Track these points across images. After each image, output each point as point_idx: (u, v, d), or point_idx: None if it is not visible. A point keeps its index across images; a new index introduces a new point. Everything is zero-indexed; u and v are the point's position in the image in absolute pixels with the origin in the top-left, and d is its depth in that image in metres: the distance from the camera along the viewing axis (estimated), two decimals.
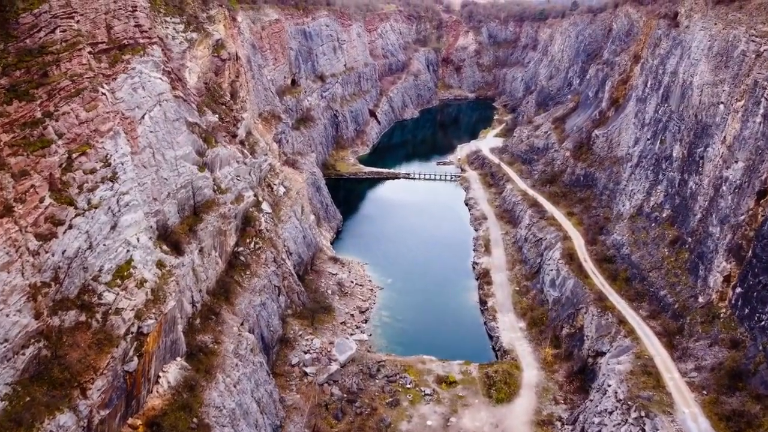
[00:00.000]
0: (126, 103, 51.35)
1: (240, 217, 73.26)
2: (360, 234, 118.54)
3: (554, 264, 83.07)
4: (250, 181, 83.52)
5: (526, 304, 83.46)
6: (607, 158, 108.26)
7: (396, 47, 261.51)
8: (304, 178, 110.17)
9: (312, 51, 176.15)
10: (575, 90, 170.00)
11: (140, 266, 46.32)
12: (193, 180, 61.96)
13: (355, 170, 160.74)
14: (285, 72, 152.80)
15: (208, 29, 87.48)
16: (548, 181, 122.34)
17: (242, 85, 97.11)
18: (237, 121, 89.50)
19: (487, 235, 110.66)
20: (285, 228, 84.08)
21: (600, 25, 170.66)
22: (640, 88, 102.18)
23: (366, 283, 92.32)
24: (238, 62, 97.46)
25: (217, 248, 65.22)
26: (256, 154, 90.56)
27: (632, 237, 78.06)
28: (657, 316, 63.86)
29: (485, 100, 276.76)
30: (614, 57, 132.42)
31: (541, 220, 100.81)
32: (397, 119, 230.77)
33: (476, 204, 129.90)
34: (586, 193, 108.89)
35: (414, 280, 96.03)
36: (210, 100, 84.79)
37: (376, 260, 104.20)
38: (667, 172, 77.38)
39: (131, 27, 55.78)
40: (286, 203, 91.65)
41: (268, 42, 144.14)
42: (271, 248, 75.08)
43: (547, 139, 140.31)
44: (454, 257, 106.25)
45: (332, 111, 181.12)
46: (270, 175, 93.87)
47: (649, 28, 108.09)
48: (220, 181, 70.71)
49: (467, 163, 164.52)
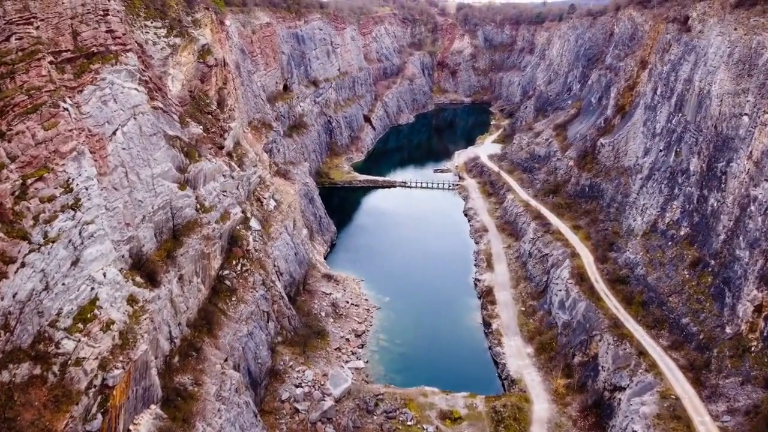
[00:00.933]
0: (94, 119, 45.81)
1: (226, 236, 67.75)
2: (355, 247, 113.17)
3: (563, 284, 78.00)
4: (238, 195, 78.04)
5: (533, 327, 78.31)
6: (613, 168, 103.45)
7: (391, 51, 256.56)
8: (297, 190, 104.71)
9: (305, 55, 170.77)
10: (575, 95, 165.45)
11: (107, 306, 40.72)
12: (173, 200, 56.42)
13: (350, 178, 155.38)
14: (277, 77, 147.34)
15: (193, 34, 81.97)
16: (551, 191, 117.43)
17: (230, 93, 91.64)
18: (224, 132, 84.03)
19: (489, 249, 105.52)
20: (275, 246, 78.58)
21: (600, 28, 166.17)
22: (648, 95, 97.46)
23: (362, 303, 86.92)
24: (226, 68, 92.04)
25: (199, 273, 59.66)
26: (245, 166, 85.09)
27: (647, 256, 73.11)
28: (680, 346, 58.80)
29: (481, 104, 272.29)
30: (618, 62, 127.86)
31: (546, 234, 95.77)
32: (393, 124, 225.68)
33: (476, 215, 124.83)
34: (591, 205, 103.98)
35: (412, 298, 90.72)
36: (195, 109, 79.32)
37: (373, 276, 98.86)
38: (683, 187, 72.52)
39: (102, 33, 50.26)
40: (277, 218, 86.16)
41: (259, 46, 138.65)
42: (259, 270, 69.55)
43: (548, 146, 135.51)
44: (454, 272, 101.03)
45: (326, 117, 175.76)
46: (260, 188, 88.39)
47: (656, 32, 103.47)
48: (204, 198, 65.19)
49: (465, 171, 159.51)
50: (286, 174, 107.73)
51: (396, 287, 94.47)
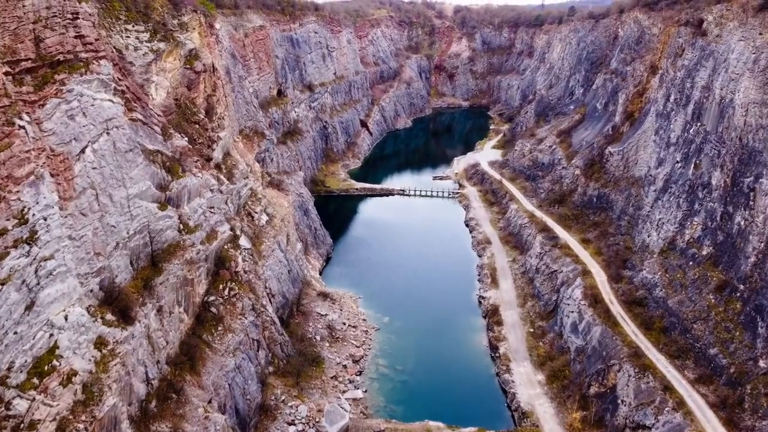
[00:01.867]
0: (57, 136, 40.53)
1: (212, 258, 62.50)
2: (352, 260, 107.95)
3: (575, 305, 73.03)
4: (227, 211, 72.83)
5: (543, 351, 73.29)
6: (623, 178, 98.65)
7: (387, 54, 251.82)
8: (291, 201, 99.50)
9: (299, 59, 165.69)
10: (578, 100, 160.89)
11: (68, 354, 35.46)
12: (151, 222, 51.17)
13: (346, 186, 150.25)
14: (270, 82, 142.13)
15: (179, 38, 76.70)
16: (557, 201, 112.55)
17: (220, 100, 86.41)
18: (212, 142, 78.77)
19: (493, 263, 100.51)
20: (267, 265, 73.33)
21: (603, 31, 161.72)
22: (660, 101, 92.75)
23: (360, 324, 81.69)
24: (215, 74, 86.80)
25: (181, 302, 54.40)
26: (235, 178, 79.82)
27: (666, 276, 68.21)
28: (708, 380, 53.90)
29: (479, 108, 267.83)
30: (624, 66, 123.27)
31: (554, 248, 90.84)
32: (390, 129, 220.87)
33: (478, 225, 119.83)
34: (600, 217, 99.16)
35: (414, 317, 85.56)
36: (181, 119, 74.09)
37: (371, 292, 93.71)
38: (705, 202, 67.71)
39: (70, 39, 45.00)
40: (269, 234, 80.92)
41: (251, 50, 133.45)
42: (249, 294, 64.27)
43: (552, 154, 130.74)
44: (457, 289, 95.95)
45: (321, 122, 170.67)
46: (251, 201, 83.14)
47: (667, 36, 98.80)
48: (188, 217, 59.94)
49: (466, 178, 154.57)
50: (280, 185, 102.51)
51: (396, 305, 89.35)
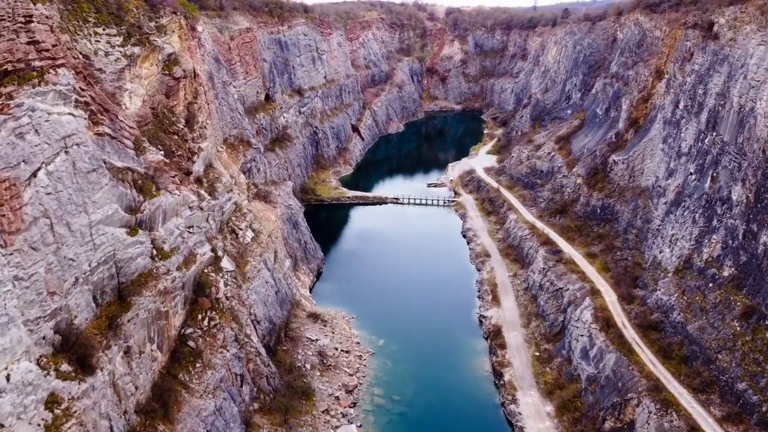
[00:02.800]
0: (2, 159, 34.81)
1: (190, 285, 56.80)
2: (344, 276, 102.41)
3: (585, 328, 68.10)
4: (208, 230, 67.15)
5: (551, 378, 68.24)
6: (628, 188, 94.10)
7: (379, 57, 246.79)
8: (279, 214, 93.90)
9: (288, 62, 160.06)
10: (576, 105, 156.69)
11: (11, 421, 29.76)
12: (118, 250, 45.46)
13: (338, 195, 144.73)
14: (258, 86, 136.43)
15: (157, 42, 70.83)
16: (558, 211, 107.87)
17: (201, 108, 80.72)
18: (193, 154, 73.04)
19: (493, 278, 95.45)
20: (252, 288, 67.70)
21: (601, 34, 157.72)
22: (667, 108, 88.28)
23: (353, 348, 76.20)
24: (197, 80, 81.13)
25: (154, 338, 48.71)
26: (218, 192, 74.05)
27: (683, 299, 63.42)
28: (737, 419, 49.11)
29: (472, 111, 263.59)
30: (625, 70, 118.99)
31: (558, 264, 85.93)
32: (382, 134, 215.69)
33: (476, 236, 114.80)
34: (605, 229, 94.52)
35: (410, 339, 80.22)
36: (158, 129, 68.34)
37: (365, 311, 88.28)
38: (724, 219, 63.05)
39: (22, 45, 39.30)
40: (255, 252, 75.26)
41: (238, 53, 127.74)
42: (231, 323, 58.62)
43: (551, 161, 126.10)
44: (455, 306, 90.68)
45: (311, 128, 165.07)
46: (235, 217, 77.44)
47: (673, 39, 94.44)
48: (163, 240, 54.23)
49: (461, 186, 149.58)
50: (267, 196, 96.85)
51: (391, 325, 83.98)
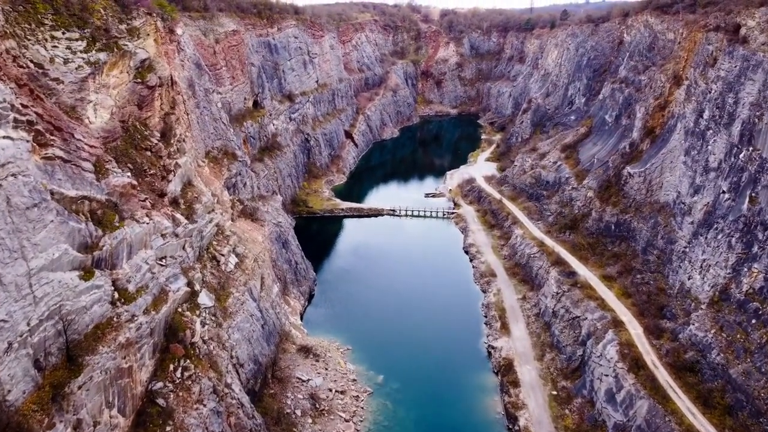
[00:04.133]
0: None
1: (160, 329, 48.85)
2: (338, 298, 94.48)
3: (610, 367, 60.72)
4: (184, 259, 59.20)
5: (571, 423, 60.78)
6: (645, 204, 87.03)
7: (372, 60, 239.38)
8: (267, 234, 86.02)
9: (278, 66, 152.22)
10: (580, 110, 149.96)
11: None
12: (67, 301, 37.48)
13: (331, 206, 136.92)
14: (245, 92, 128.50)
15: (128, 46, 62.78)
16: (567, 226, 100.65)
17: (180, 119, 72.81)
18: (168, 172, 65.04)
19: (500, 301, 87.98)
20: (234, 325, 59.79)
21: (605, 36, 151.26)
22: (689, 117, 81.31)
23: (349, 388, 68.40)
24: (175, 88, 73.41)
25: (114, 402, 40.70)
26: (196, 215, 66.04)
27: (722, 336, 56.20)
28: None
29: (468, 116, 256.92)
30: (636, 75, 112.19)
31: (573, 288, 78.60)
32: (376, 140, 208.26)
33: (479, 253, 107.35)
34: (621, 247, 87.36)
35: (412, 374, 72.55)
36: (128, 145, 60.30)
37: (361, 340, 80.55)
38: (767, 246, 55.95)
39: None
40: (239, 280, 67.34)
41: (223, 57, 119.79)
42: (209, 372, 50.69)
43: (557, 171, 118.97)
44: (461, 334, 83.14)
45: (303, 135, 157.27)
46: (216, 241, 69.51)
47: (692, 43, 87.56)
48: (128, 278, 46.28)
49: (461, 196, 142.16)
50: (254, 214, 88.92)
51: (391, 357, 76.30)
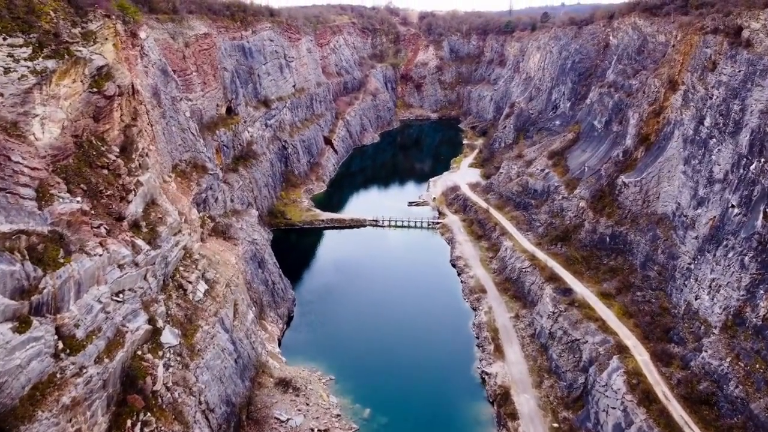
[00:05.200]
0: None
1: (116, 378, 42.23)
2: (319, 320, 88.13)
3: (617, 399, 55.83)
4: (146, 291, 52.56)
5: None
6: (642, 215, 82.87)
7: (351, 63, 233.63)
8: (241, 253, 79.53)
9: (253, 71, 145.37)
10: (565, 115, 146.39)
11: None
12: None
13: (311, 218, 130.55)
14: (218, 99, 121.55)
15: (81, 52, 56.03)
16: (559, 238, 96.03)
17: (142, 131, 66.10)
18: (128, 192, 58.19)
19: (492, 321, 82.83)
20: (203, 363, 53.30)
21: (590, 39, 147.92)
22: (687, 124, 77.38)
23: (333, 426, 62.19)
24: (137, 97, 66.61)
25: None
26: (160, 238, 59.35)
27: (739, 366, 51.72)
28: None
29: (449, 120, 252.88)
30: (626, 79, 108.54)
31: (570, 307, 73.82)
32: (356, 145, 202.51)
33: (467, 266, 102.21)
34: (617, 261, 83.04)
35: (401, 406, 66.87)
36: (82, 164, 53.58)
37: (344, 367, 74.49)
38: None
39: None
40: (209, 310, 60.79)
41: (194, 62, 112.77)
42: (173, 425, 44.20)
43: (545, 179, 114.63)
44: (452, 357, 77.63)
45: (280, 142, 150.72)
46: (183, 266, 62.84)
47: (688, 46, 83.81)
48: (77, 323, 39.70)
49: (445, 204, 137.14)
50: (227, 231, 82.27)
51: (377, 386, 70.49)
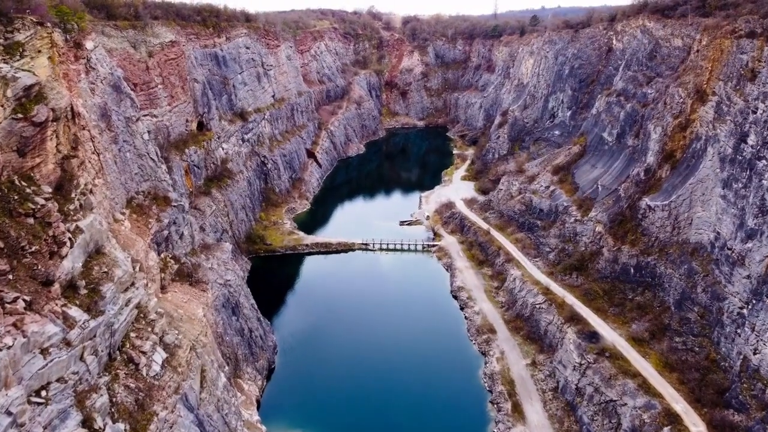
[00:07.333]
0: None
1: None
2: (305, 371, 76.03)
3: None
4: (81, 377, 40.33)
5: None
6: (672, 243, 72.79)
7: (333, 70, 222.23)
8: (211, 301, 67.40)
9: (227, 81, 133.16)
10: (565, 125, 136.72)
11: None
12: None
13: (293, 242, 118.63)
14: (187, 113, 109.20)
15: (3, 69, 43.98)
16: (574, 267, 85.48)
17: (85, 163, 53.87)
18: (61, 245, 45.98)
19: (506, 370, 71.75)
20: None
21: (589, 43, 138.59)
22: (723, 141, 67.53)
23: None
24: (78, 122, 54.45)
25: None
26: (105, 300, 47.00)
27: None
28: None
29: (436, 128, 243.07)
30: (638, 87, 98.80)
31: (600, 357, 63.15)
32: (341, 157, 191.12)
33: (471, 299, 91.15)
34: (645, 297, 72.80)
35: None
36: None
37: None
38: None
39: None
40: (169, 386, 48.74)
41: (159, 73, 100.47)
42: None
43: (552, 198, 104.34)
44: (463, 421, 66.19)
45: (259, 158, 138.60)
46: (136, 332, 50.64)
47: (718, 51, 74.12)
48: None
49: (441, 223, 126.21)
50: (194, 273, 70.00)
51: None
